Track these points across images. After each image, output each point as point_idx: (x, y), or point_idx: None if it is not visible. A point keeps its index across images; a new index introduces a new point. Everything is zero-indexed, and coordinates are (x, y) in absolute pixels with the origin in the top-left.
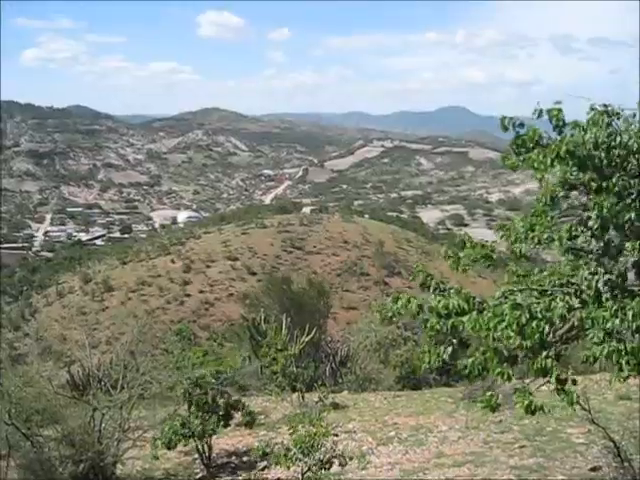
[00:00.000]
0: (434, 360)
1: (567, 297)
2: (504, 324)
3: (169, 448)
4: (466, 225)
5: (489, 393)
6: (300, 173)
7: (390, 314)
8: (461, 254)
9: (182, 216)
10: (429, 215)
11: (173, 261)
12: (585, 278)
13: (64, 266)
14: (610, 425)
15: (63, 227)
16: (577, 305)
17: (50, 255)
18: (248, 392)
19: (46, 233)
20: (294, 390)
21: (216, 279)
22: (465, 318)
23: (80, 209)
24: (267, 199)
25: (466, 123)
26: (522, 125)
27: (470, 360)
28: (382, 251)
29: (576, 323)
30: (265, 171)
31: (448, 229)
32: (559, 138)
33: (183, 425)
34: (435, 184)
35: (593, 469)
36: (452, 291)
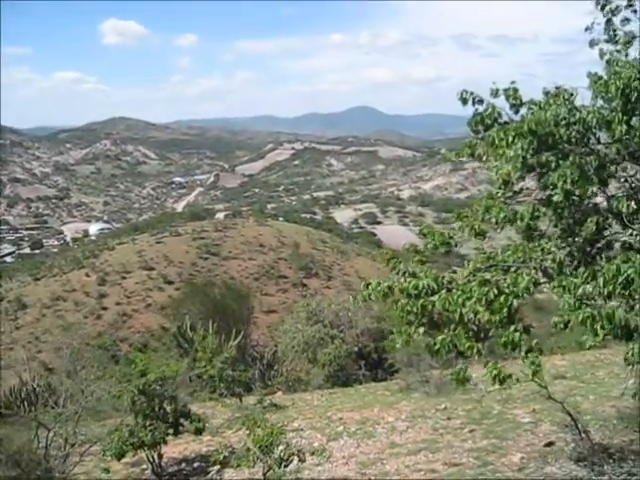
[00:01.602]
0: (405, 341)
1: (532, 272)
2: (473, 300)
3: (119, 459)
4: (379, 223)
5: (458, 367)
6: (211, 179)
7: (362, 299)
8: (421, 244)
9: (94, 228)
10: (342, 215)
11: (88, 274)
12: (549, 252)
13: None
14: (555, 403)
15: None
16: (542, 279)
17: None
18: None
19: None
20: (232, 394)
21: (133, 290)
22: (435, 297)
23: None
24: (179, 207)
25: (374, 122)
26: (481, 102)
27: (440, 338)
28: (298, 253)
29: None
30: (176, 179)
31: (362, 228)
32: (517, 117)
33: (131, 434)
34: (347, 184)
35: (548, 444)
36: (421, 273)
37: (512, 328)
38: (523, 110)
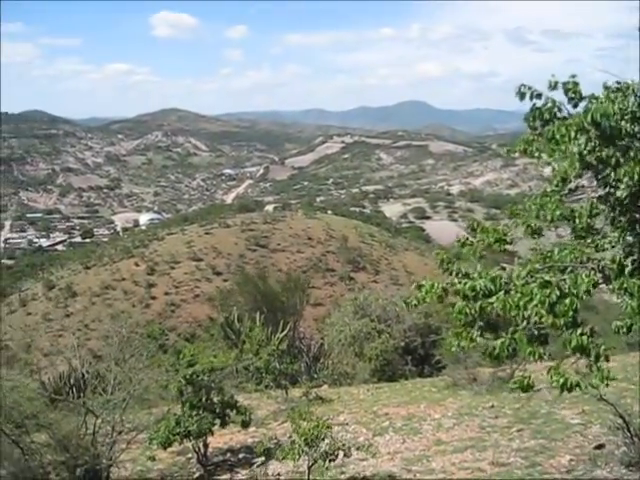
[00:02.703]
0: (466, 343)
1: (591, 273)
2: (534, 302)
3: (165, 448)
4: (428, 218)
5: (521, 374)
6: (261, 171)
7: (415, 302)
8: (474, 239)
9: (144, 218)
10: (391, 209)
11: (137, 264)
12: (603, 249)
13: (26, 273)
14: (606, 405)
15: (23, 233)
16: (600, 280)
17: (11, 262)
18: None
19: (6, 240)
20: (278, 386)
21: (181, 280)
22: (493, 299)
23: (40, 215)
24: (229, 198)
25: (425, 117)
26: (539, 96)
27: (499, 341)
28: (346, 246)
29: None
30: (226, 170)
31: (410, 222)
32: (578, 111)
33: (178, 424)
34: (396, 178)
35: (598, 447)
36: (476, 274)
37: (579, 331)
38: (582, 105)
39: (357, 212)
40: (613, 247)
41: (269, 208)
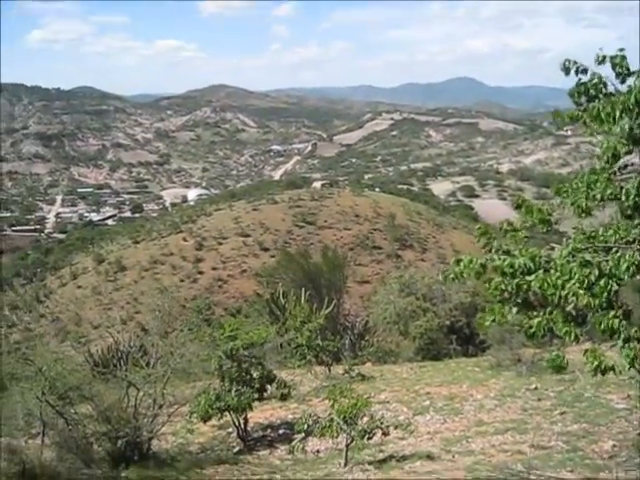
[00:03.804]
0: (499, 320)
1: (636, 253)
2: (573, 282)
3: (204, 421)
4: (477, 196)
5: (555, 353)
6: (309, 148)
7: (453, 276)
8: (515, 220)
9: (192, 194)
10: (439, 187)
11: (185, 239)
12: None
13: (77, 247)
14: None
15: (74, 208)
16: None
17: (62, 236)
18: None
19: (57, 215)
20: (320, 363)
21: (228, 256)
22: (531, 277)
23: (90, 190)
24: (277, 175)
25: (474, 93)
26: (585, 71)
27: (536, 320)
28: (394, 224)
29: None
30: (274, 147)
31: (459, 201)
32: (623, 87)
33: (218, 398)
34: (445, 156)
35: None
36: (516, 251)
37: (612, 314)
38: (630, 80)
39: (405, 190)
40: None
41: (317, 185)
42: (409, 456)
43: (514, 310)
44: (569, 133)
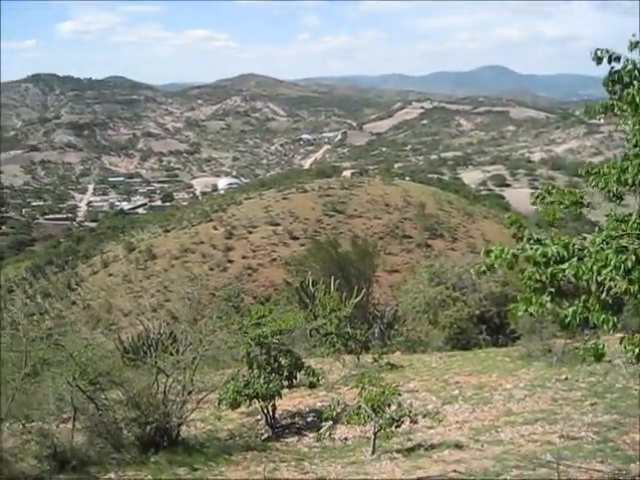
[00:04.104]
0: (535, 309)
1: None
2: (609, 268)
3: (233, 408)
4: (508, 185)
5: (593, 341)
6: (339, 137)
7: (484, 269)
8: (549, 200)
9: (222, 183)
10: (470, 176)
11: (215, 228)
12: None
13: (108, 235)
14: None
15: (105, 197)
16: None
17: (94, 225)
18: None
19: (89, 203)
20: (349, 351)
21: (258, 245)
22: (565, 265)
23: (121, 179)
24: (307, 164)
25: (505, 82)
26: (618, 59)
27: (571, 309)
28: (424, 213)
29: None
30: (304, 136)
31: (490, 190)
32: None
33: (246, 385)
34: (475, 145)
35: None
36: (548, 240)
37: None
38: None
39: (435, 179)
40: None
41: (347, 174)
42: (437, 445)
43: (548, 299)
44: (602, 122)
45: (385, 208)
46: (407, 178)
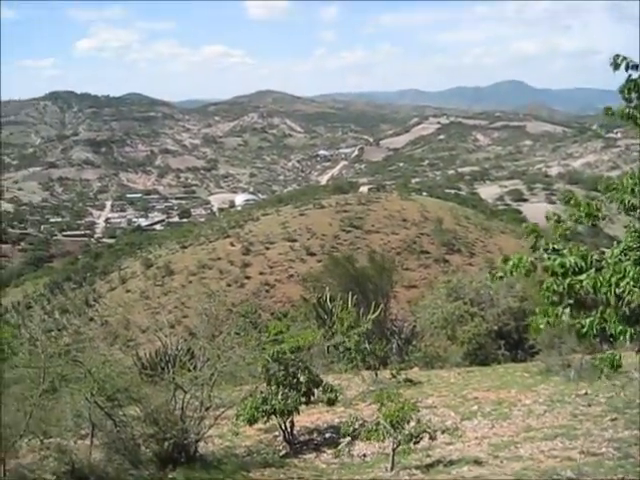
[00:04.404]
0: (553, 321)
1: None
2: (627, 280)
3: (251, 424)
4: (525, 200)
5: (610, 352)
6: (356, 152)
7: (501, 274)
8: (563, 215)
9: (240, 199)
10: (487, 191)
11: (232, 244)
12: None
13: (125, 252)
14: None
15: (123, 213)
16: None
17: (111, 241)
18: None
19: (107, 220)
20: (367, 367)
21: (275, 261)
22: (583, 276)
23: (139, 195)
24: (323, 180)
25: (522, 96)
26: (636, 67)
27: (588, 320)
28: (441, 228)
29: None
30: (321, 152)
31: (507, 205)
32: None
33: (264, 401)
34: (493, 159)
35: None
36: (565, 250)
37: None
38: None
39: (452, 194)
40: None
41: (364, 189)
42: (456, 461)
43: (566, 311)
44: (619, 135)
45: (402, 223)
46: (424, 193)
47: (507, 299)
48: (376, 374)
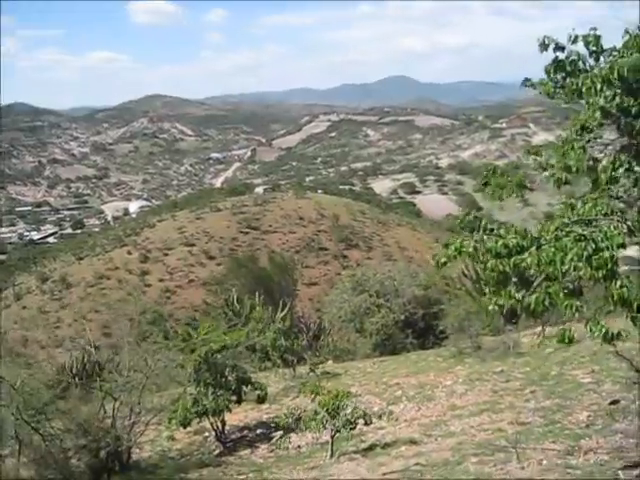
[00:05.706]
0: (505, 301)
1: (619, 226)
2: (570, 256)
3: (184, 427)
4: (419, 192)
5: (561, 327)
6: (248, 154)
7: (444, 260)
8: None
9: (134, 206)
10: (381, 185)
11: (130, 252)
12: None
13: (19, 267)
14: (615, 364)
15: (13, 228)
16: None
17: (3, 257)
18: None
19: None
20: (285, 364)
21: (175, 266)
22: (526, 255)
23: (29, 208)
24: (218, 182)
25: (409, 91)
26: (562, 49)
27: (534, 297)
28: (338, 225)
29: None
30: (213, 155)
31: (401, 198)
32: (602, 64)
33: (195, 403)
34: (384, 154)
35: (613, 402)
36: (502, 230)
37: (618, 284)
38: (602, 58)
39: (347, 190)
40: (629, 195)
41: (259, 190)
42: (392, 443)
43: (513, 289)
44: (504, 125)
45: (299, 222)
46: (319, 191)
47: (412, 288)
48: (293, 370)
